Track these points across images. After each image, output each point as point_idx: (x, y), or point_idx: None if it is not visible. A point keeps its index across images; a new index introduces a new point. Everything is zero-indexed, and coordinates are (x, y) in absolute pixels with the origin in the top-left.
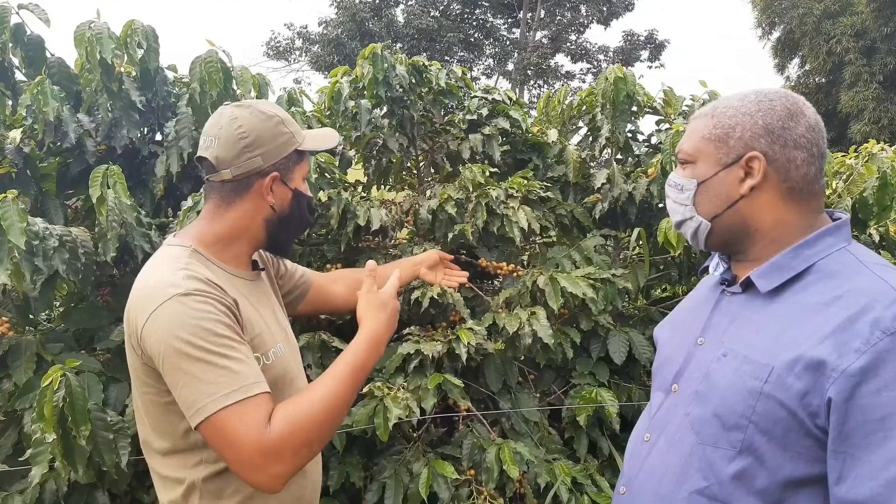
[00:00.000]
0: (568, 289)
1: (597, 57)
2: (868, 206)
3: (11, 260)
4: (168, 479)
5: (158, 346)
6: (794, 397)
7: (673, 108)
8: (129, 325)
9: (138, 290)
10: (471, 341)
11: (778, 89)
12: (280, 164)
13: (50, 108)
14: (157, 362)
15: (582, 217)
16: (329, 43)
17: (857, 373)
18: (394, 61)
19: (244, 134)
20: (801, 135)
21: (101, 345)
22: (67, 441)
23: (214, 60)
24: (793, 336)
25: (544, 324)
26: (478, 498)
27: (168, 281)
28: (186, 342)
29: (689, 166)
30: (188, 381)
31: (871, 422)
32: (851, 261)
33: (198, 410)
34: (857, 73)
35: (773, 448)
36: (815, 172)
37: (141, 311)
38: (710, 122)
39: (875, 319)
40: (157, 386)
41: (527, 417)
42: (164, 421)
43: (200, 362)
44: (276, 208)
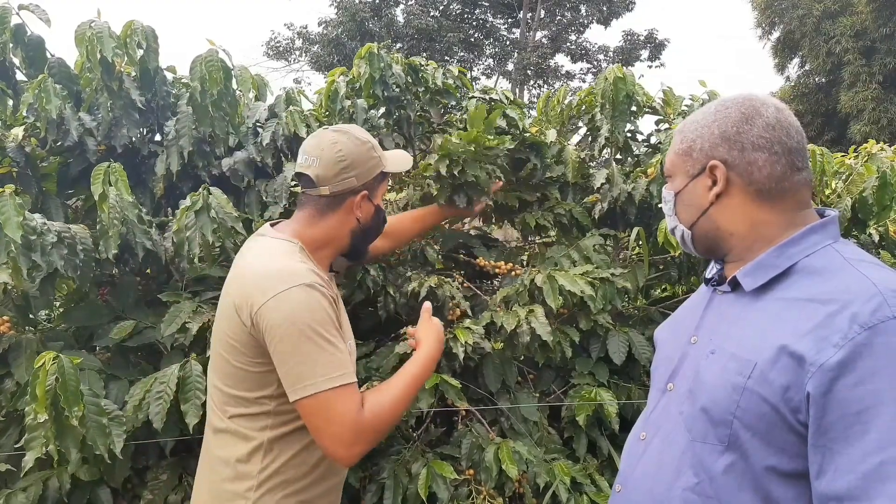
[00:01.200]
0: (566, 287)
1: (597, 57)
2: (868, 205)
3: (8, 255)
4: (237, 435)
5: (280, 325)
6: (777, 392)
7: (672, 107)
8: (244, 300)
9: (259, 271)
10: (468, 340)
11: (739, 95)
12: (369, 184)
13: (52, 106)
14: (270, 337)
15: (581, 216)
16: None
17: (834, 367)
18: (390, 61)
19: (343, 157)
20: (758, 136)
21: (101, 343)
22: (60, 423)
23: (215, 59)
24: (775, 332)
25: (542, 321)
26: (477, 497)
27: (294, 269)
28: (309, 326)
29: (670, 180)
30: (303, 360)
31: (848, 415)
32: (836, 258)
33: (306, 386)
34: (857, 73)
35: (757, 443)
36: (783, 170)
37: (264, 290)
38: (678, 137)
39: (853, 314)
40: (251, 357)
41: (526, 417)
42: (243, 387)
43: (317, 346)
44: (361, 221)
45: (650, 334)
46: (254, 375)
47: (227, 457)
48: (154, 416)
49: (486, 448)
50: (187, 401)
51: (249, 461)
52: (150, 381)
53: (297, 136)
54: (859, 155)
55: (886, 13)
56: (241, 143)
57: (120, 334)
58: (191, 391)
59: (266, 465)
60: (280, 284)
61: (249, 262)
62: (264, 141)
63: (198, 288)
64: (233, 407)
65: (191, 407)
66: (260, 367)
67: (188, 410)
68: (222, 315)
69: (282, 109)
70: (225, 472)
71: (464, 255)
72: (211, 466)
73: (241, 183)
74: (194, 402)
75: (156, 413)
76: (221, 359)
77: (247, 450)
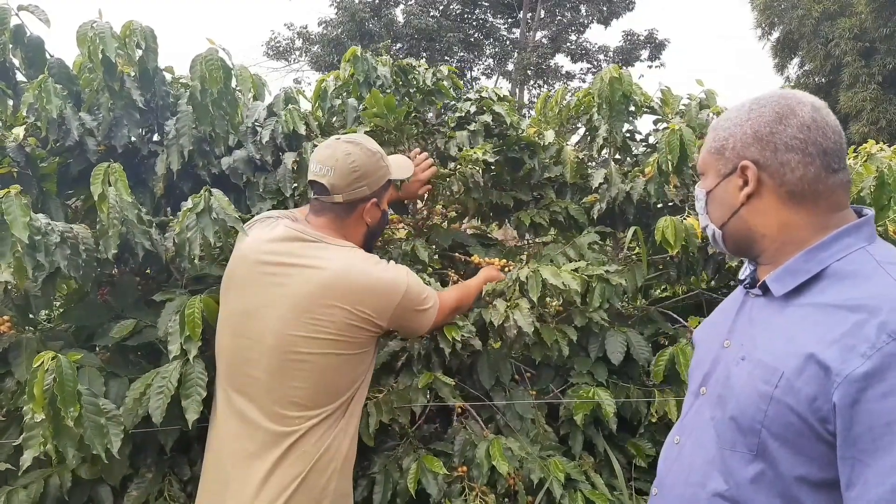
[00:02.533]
0: (549, 280)
1: (597, 57)
2: (866, 205)
3: (14, 254)
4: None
5: (410, 305)
6: (804, 402)
7: (670, 107)
8: (378, 307)
9: (372, 280)
10: (455, 335)
11: (775, 92)
12: (378, 192)
13: (53, 106)
14: (407, 319)
15: (577, 214)
16: (329, 43)
17: (861, 377)
18: (375, 63)
19: (356, 168)
20: (792, 136)
21: (101, 342)
22: (58, 423)
23: (215, 59)
24: (802, 340)
25: (525, 314)
26: (469, 494)
27: (398, 271)
28: (420, 292)
29: (702, 178)
30: (423, 312)
31: (877, 427)
32: (868, 262)
33: (426, 318)
34: (855, 74)
35: (786, 452)
36: (817, 172)
37: (397, 288)
38: (711, 135)
39: (882, 323)
40: (359, 346)
41: (521, 415)
42: (336, 377)
43: (425, 299)
44: (370, 225)
45: (649, 334)
46: (353, 360)
47: (308, 449)
48: (154, 411)
49: (478, 445)
50: (188, 396)
51: (332, 448)
52: (151, 376)
53: (297, 133)
54: (859, 155)
55: (886, 13)
56: (240, 142)
57: (120, 333)
58: (192, 387)
59: (343, 452)
60: (398, 283)
61: (358, 269)
62: (264, 139)
63: (197, 287)
64: (318, 403)
65: (191, 403)
66: (362, 350)
67: (189, 406)
68: (323, 317)
69: (281, 108)
70: (302, 463)
71: (460, 255)
72: (272, 463)
73: (241, 181)
74: (195, 397)
75: (155, 408)
76: (308, 357)
77: (329, 440)
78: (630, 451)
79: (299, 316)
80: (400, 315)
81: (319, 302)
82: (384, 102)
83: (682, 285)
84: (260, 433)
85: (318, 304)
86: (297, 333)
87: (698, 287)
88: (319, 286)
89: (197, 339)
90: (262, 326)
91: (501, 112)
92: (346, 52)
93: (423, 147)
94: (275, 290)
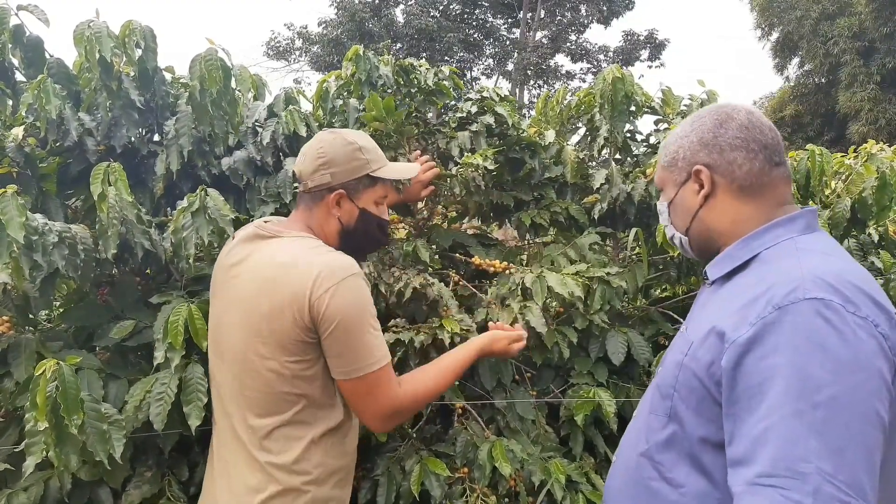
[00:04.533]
0: (554, 288)
1: (597, 57)
2: (867, 206)
3: (10, 255)
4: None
5: (341, 313)
6: (703, 367)
7: (671, 107)
8: (293, 297)
9: (307, 265)
10: (454, 329)
11: (712, 105)
12: (349, 185)
13: (52, 106)
14: (327, 324)
15: (578, 214)
16: (329, 43)
17: (744, 343)
18: (377, 62)
19: (322, 154)
20: (734, 136)
21: (100, 343)
22: (60, 430)
23: (214, 59)
24: (713, 314)
25: (538, 315)
26: (471, 496)
27: (343, 260)
28: (367, 312)
29: (661, 193)
30: (359, 346)
31: (752, 386)
32: (790, 249)
33: (360, 368)
34: (854, 74)
35: (690, 415)
36: (761, 165)
37: (320, 281)
38: (662, 153)
39: (771, 296)
40: (301, 356)
41: (522, 416)
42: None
43: (370, 331)
44: (343, 222)
45: (649, 334)
46: (304, 376)
47: (278, 457)
48: (154, 418)
49: (480, 446)
50: (189, 402)
51: (304, 459)
52: (150, 381)
53: (297, 135)
54: (859, 155)
55: (886, 13)
56: (240, 142)
57: (120, 334)
58: (192, 392)
59: (321, 461)
60: (337, 274)
61: (285, 260)
62: (264, 140)
63: (196, 287)
64: (281, 411)
65: (193, 409)
66: (310, 367)
67: (191, 412)
68: (260, 318)
69: (281, 109)
70: (277, 471)
71: (461, 255)
72: (252, 468)
73: (241, 182)
74: (196, 403)
75: (156, 414)
76: (266, 365)
77: (301, 448)
78: None
79: (245, 320)
80: (331, 315)
81: (259, 301)
82: (383, 105)
83: (683, 285)
84: (234, 439)
85: (258, 303)
86: (247, 339)
87: (698, 287)
88: (260, 283)
89: (180, 349)
90: (225, 333)
91: (503, 113)
92: (346, 52)
93: (424, 147)
94: (231, 295)
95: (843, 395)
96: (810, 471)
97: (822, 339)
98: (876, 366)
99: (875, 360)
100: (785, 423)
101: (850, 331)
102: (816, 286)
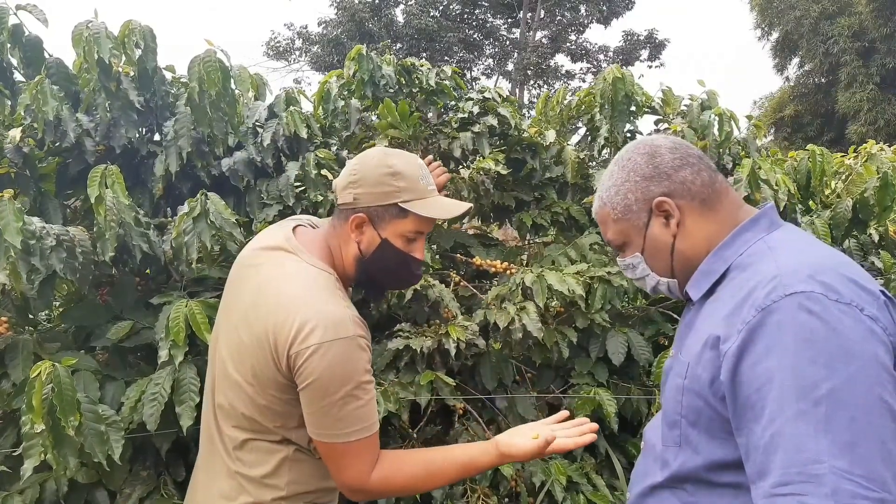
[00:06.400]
0: (555, 286)
1: (597, 57)
2: (869, 206)
3: (8, 259)
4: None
5: (316, 374)
6: (705, 386)
7: (671, 107)
8: (279, 337)
9: (299, 308)
10: (460, 336)
11: (627, 148)
12: (373, 210)
13: (49, 108)
14: (304, 381)
15: (578, 215)
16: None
17: (735, 352)
18: (380, 62)
19: (355, 172)
20: (671, 159)
21: (100, 343)
22: (58, 433)
23: (212, 60)
24: (702, 330)
25: (534, 318)
26: (471, 496)
27: (340, 317)
28: (351, 381)
29: (625, 247)
30: (328, 413)
31: (752, 394)
32: (762, 250)
33: (325, 435)
34: (853, 74)
35: (702, 438)
36: (709, 174)
37: (306, 334)
38: (607, 210)
39: (753, 300)
40: (279, 395)
41: (523, 416)
42: (265, 416)
43: (344, 403)
44: (362, 249)
45: (649, 334)
46: (277, 410)
47: (250, 469)
48: (147, 419)
49: None
50: (181, 403)
51: (276, 474)
52: (144, 383)
53: (297, 136)
54: (859, 155)
55: (887, 13)
56: (240, 143)
57: (117, 335)
58: (185, 393)
59: (293, 479)
60: (328, 333)
61: (285, 290)
62: (265, 141)
63: (197, 289)
64: (255, 428)
65: (185, 409)
66: (286, 404)
67: (183, 413)
68: (244, 337)
69: (281, 109)
70: (247, 483)
71: (461, 255)
72: (225, 474)
73: (241, 184)
74: (188, 403)
75: (149, 415)
76: (241, 383)
77: (273, 463)
78: (631, 451)
79: (234, 331)
80: (309, 374)
81: (248, 321)
82: (399, 111)
83: None
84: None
85: (246, 323)
86: (230, 351)
87: None
88: (254, 303)
89: (182, 345)
90: (219, 335)
91: (507, 115)
92: (346, 52)
93: (426, 147)
94: (233, 298)
95: (842, 387)
96: (824, 471)
97: (809, 333)
98: (870, 351)
99: (867, 345)
100: (789, 427)
101: (836, 319)
102: (795, 280)
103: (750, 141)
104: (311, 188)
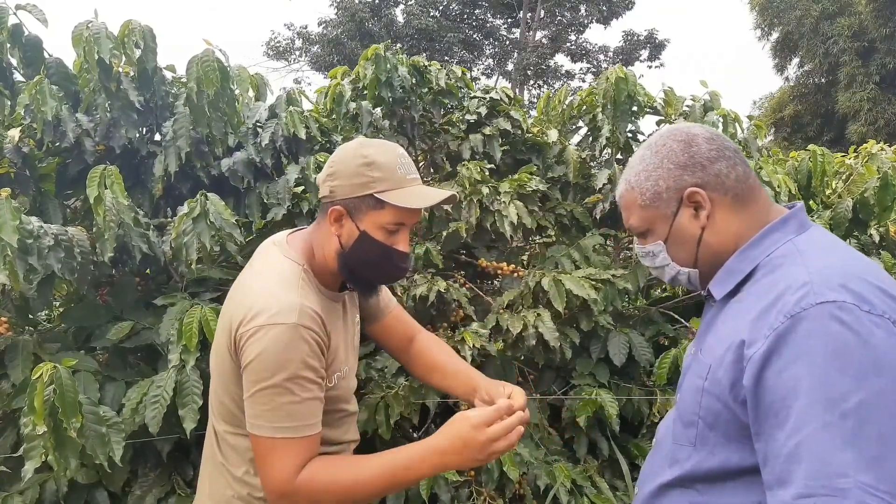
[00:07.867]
0: (573, 291)
1: (597, 57)
2: (869, 206)
3: (4, 259)
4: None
5: (252, 355)
6: (726, 390)
7: (673, 108)
8: (230, 325)
9: (252, 292)
10: (475, 343)
11: (661, 133)
12: (350, 202)
13: (48, 108)
14: (243, 364)
15: (581, 216)
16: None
17: (761, 358)
18: (396, 63)
19: (331, 164)
20: (707, 150)
21: (100, 343)
22: (59, 434)
23: (211, 60)
24: (725, 333)
25: (549, 326)
26: (477, 499)
27: (286, 304)
28: (277, 370)
29: (648, 234)
30: (263, 401)
31: (776, 402)
32: (791, 252)
33: (255, 426)
34: (853, 74)
35: (719, 441)
36: (743, 169)
37: (251, 316)
38: (635, 194)
39: (782, 305)
40: (237, 387)
41: None
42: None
43: (277, 394)
44: (342, 242)
45: (650, 335)
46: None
47: (230, 465)
48: (150, 421)
49: None
50: (184, 406)
51: (251, 473)
52: (146, 385)
53: (297, 137)
54: (859, 155)
55: (887, 13)
56: (240, 143)
57: (117, 335)
58: (188, 395)
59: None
60: (266, 317)
61: (247, 280)
62: (263, 142)
63: (197, 289)
64: (233, 422)
65: (188, 412)
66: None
67: (186, 416)
68: (219, 328)
69: (282, 110)
70: (230, 477)
71: (464, 256)
72: (220, 472)
73: (241, 184)
74: (191, 406)
75: (151, 418)
76: (219, 373)
77: (248, 459)
78: (632, 452)
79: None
80: (246, 355)
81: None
82: None
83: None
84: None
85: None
86: (217, 343)
87: None
88: (231, 295)
89: (195, 350)
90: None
91: (518, 118)
92: (346, 52)
93: (431, 147)
94: None
95: (872, 400)
96: (849, 485)
97: (840, 345)
98: None
99: None
100: (815, 438)
101: (868, 331)
102: (827, 288)
103: (751, 141)
104: (311, 191)
